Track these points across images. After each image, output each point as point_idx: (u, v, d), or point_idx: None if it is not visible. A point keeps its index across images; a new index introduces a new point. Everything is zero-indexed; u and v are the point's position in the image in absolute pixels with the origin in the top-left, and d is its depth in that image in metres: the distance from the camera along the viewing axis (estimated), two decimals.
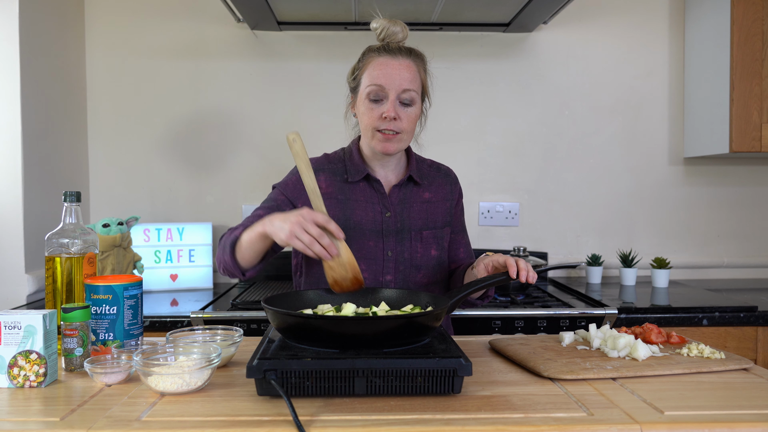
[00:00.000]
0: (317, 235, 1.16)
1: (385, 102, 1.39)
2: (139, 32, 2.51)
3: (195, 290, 2.34)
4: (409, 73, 1.39)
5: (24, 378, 1.02)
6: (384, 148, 1.41)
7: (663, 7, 2.57)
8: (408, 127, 1.40)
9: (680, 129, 2.59)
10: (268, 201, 1.49)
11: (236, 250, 1.34)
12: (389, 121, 1.38)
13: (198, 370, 0.97)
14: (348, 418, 0.87)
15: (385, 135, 1.39)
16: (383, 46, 1.42)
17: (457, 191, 1.58)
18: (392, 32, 1.42)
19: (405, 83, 1.38)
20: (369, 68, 1.40)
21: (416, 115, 1.42)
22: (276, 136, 2.54)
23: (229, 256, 1.35)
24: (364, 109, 1.41)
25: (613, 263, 2.56)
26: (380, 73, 1.38)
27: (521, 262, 1.25)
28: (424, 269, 1.48)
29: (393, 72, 1.38)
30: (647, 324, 1.27)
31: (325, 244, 1.17)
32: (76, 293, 1.23)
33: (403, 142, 1.43)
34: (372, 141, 1.42)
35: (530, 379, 1.06)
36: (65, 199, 1.24)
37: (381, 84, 1.38)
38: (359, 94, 1.43)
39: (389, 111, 1.37)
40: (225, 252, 1.36)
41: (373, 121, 1.39)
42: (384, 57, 1.39)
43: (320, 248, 1.16)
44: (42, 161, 2.16)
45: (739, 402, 0.94)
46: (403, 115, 1.39)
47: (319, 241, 1.16)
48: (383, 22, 1.42)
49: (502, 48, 2.56)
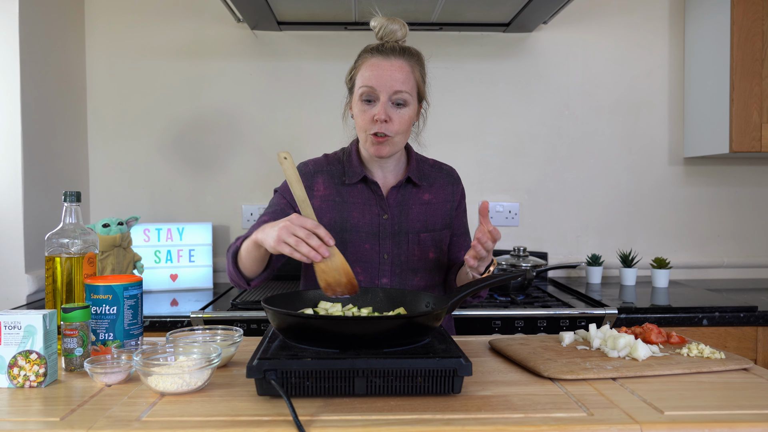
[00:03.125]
0: (304, 236, 1.14)
1: (376, 104, 1.37)
2: (139, 32, 2.51)
3: (195, 290, 2.34)
4: (401, 74, 1.37)
5: (24, 378, 1.02)
6: (376, 152, 1.39)
7: (663, 7, 2.57)
8: (400, 129, 1.38)
9: (680, 129, 2.59)
10: (272, 206, 1.49)
11: (238, 260, 1.35)
12: (380, 124, 1.36)
13: (198, 370, 0.97)
14: (348, 418, 0.87)
15: (377, 138, 1.38)
16: (377, 47, 1.40)
17: (459, 192, 1.55)
18: (390, 30, 1.40)
19: (396, 84, 1.36)
20: (362, 69, 1.39)
21: (409, 116, 1.40)
22: (276, 136, 2.54)
23: (232, 266, 1.36)
24: (357, 110, 1.40)
25: (613, 263, 2.56)
26: (371, 75, 1.37)
27: (481, 240, 1.20)
28: (421, 272, 1.47)
29: (384, 73, 1.36)
30: (647, 324, 1.27)
31: (313, 245, 1.14)
32: (76, 293, 1.23)
33: (396, 145, 1.41)
34: (365, 144, 1.41)
35: (530, 379, 1.06)
36: (65, 199, 1.24)
37: (372, 85, 1.36)
38: (354, 95, 1.42)
39: (380, 113, 1.35)
40: (228, 262, 1.38)
41: (365, 124, 1.38)
42: (376, 58, 1.38)
43: (308, 248, 1.14)
44: (42, 161, 2.16)
45: (739, 402, 0.94)
46: (395, 116, 1.37)
47: (306, 241, 1.14)
48: (381, 21, 1.40)
49: (502, 48, 2.56)
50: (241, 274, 1.36)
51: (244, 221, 2.54)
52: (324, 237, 1.15)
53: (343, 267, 1.20)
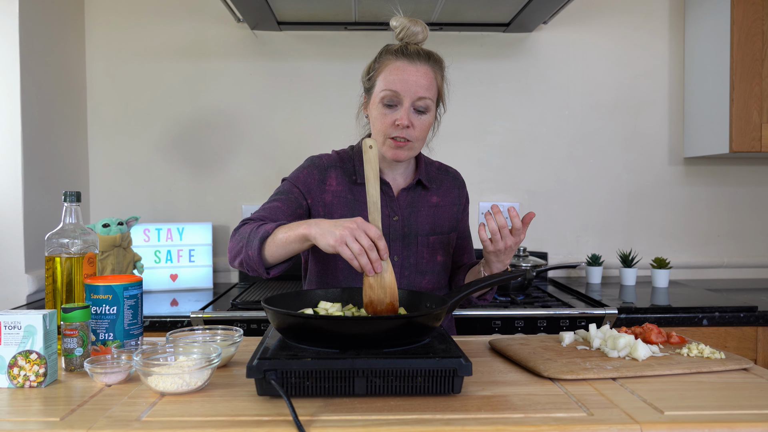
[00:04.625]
0: (368, 247, 1.09)
1: (399, 108, 1.34)
2: (139, 32, 2.51)
3: (195, 290, 2.34)
4: (426, 80, 1.34)
5: (24, 378, 1.02)
6: (394, 155, 1.37)
7: (663, 8, 2.57)
8: (420, 135, 1.37)
9: (680, 129, 2.59)
10: (284, 192, 1.42)
11: (265, 246, 1.24)
12: (402, 129, 1.34)
13: (198, 370, 0.97)
14: (348, 418, 0.87)
15: (396, 142, 1.36)
16: (401, 49, 1.36)
17: (465, 196, 1.55)
18: (413, 32, 1.37)
19: (421, 91, 1.33)
20: (385, 71, 1.35)
21: (429, 123, 1.38)
22: (276, 136, 2.54)
23: (256, 251, 1.24)
24: (377, 113, 1.37)
25: (613, 263, 2.56)
26: (396, 79, 1.33)
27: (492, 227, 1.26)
28: (429, 275, 1.47)
29: (409, 78, 1.32)
30: (647, 324, 1.27)
31: (372, 258, 1.10)
32: (76, 293, 1.23)
33: (414, 150, 1.39)
34: (383, 147, 1.38)
35: (530, 379, 1.06)
36: (65, 199, 1.24)
37: (396, 90, 1.33)
38: (373, 97, 1.38)
39: (402, 119, 1.33)
40: (251, 246, 1.25)
41: (385, 128, 1.36)
42: (401, 61, 1.34)
43: (367, 261, 1.09)
44: (42, 161, 2.16)
45: (739, 402, 0.94)
46: (416, 122, 1.35)
47: (368, 253, 1.09)
48: (403, 21, 1.36)
49: (502, 48, 2.56)
50: (263, 260, 1.26)
51: None
52: (382, 250, 1.11)
53: (391, 286, 1.15)
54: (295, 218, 1.39)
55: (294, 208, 1.40)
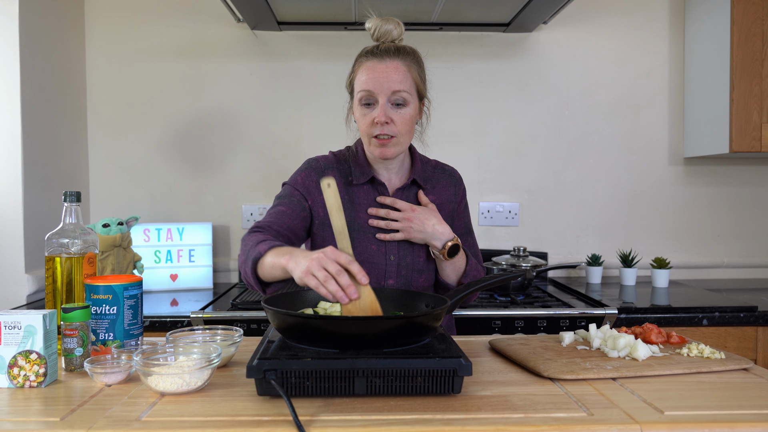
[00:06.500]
0: (335, 272, 1.05)
1: (376, 106, 1.37)
2: (139, 32, 2.51)
3: (195, 290, 2.34)
4: (398, 74, 1.36)
5: (24, 378, 1.02)
6: (381, 154, 1.39)
7: (663, 7, 2.57)
8: (403, 129, 1.38)
9: (680, 129, 2.59)
10: (286, 196, 1.45)
11: (258, 266, 1.27)
12: (381, 126, 1.36)
13: (198, 370, 0.97)
14: (348, 418, 0.87)
15: (380, 140, 1.37)
16: (372, 50, 1.39)
17: (461, 193, 1.55)
18: (385, 30, 1.39)
19: (394, 85, 1.35)
20: (359, 73, 1.39)
21: (411, 115, 1.39)
22: (276, 136, 2.54)
23: (250, 271, 1.28)
24: (358, 114, 1.40)
25: (613, 263, 2.56)
26: (368, 78, 1.36)
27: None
28: (426, 273, 1.47)
29: (380, 76, 1.35)
30: (647, 324, 1.27)
31: (342, 283, 1.05)
32: (76, 293, 1.23)
33: (401, 145, 1.40)
34: (369, 147, 1.41)
35: (530, 379, 1.06)
36: (65, 199, 1.24)
37: (369, 89, 1.36)
38: (354, 99, 1.42)
39: (379, 116, 1.35)
40: (247, 265, 1.29)
41: (367, 128, 1.38)
42: (371, 60, 1.37)
43: (335, 287, 1.04)
44: (42, 161, 2.16)
45: (739, 402, 0.94)
46: (396, 117, 1.36)
47: (336, 278, 1.05)
48: (376, 21, 1.40)
49: (502, 48, 2.56)
50: (259, 281, 1.30)
51: (244, 221, 2.54)
52: (357, 274, 1.07)
53: (372, 308, 1.10)
54: (300, 220, 1.43)
55: (298, 210, 1.43)
